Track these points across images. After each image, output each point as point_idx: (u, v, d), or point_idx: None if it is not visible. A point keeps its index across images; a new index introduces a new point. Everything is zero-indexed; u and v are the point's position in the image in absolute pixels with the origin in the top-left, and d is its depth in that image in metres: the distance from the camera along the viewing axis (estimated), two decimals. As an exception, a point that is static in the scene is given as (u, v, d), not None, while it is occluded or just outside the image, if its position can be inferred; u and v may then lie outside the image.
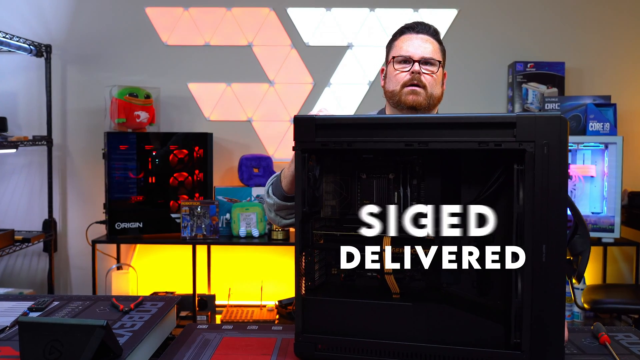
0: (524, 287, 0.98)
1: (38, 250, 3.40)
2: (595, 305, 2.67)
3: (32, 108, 3.39)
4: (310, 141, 1.09)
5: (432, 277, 1.16)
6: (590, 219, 2.96)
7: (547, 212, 0.96)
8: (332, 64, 3.40)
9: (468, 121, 1.01)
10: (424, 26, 1.59)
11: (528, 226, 0.97)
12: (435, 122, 1.04)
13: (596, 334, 1.28)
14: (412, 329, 1.05)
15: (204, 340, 1.29)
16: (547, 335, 0.97)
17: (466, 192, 1.14)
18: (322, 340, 1.09)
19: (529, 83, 3.21)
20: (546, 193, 0.96)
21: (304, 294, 1.12)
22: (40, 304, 1.48)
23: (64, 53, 3.38)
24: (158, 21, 3.39)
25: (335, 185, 1.21)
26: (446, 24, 3.36)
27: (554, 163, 0.96)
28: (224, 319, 3.06)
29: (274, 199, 1.50)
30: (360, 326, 1.08)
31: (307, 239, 1.14)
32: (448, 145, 1.02)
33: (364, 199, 1.20)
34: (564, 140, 0.96)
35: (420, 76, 1.52)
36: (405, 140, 1.03)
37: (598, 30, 3.35)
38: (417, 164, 1.17)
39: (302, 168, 1.09)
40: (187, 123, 3.42)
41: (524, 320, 0.97)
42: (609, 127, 2.96)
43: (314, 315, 1.10)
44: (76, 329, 1.02)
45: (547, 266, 0.96)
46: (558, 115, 0.97)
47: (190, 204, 3.07)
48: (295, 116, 1.10)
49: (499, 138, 0.98)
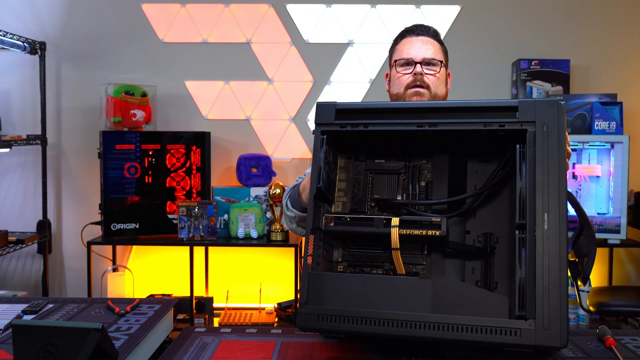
0: (527, 258, 1.02)
1: (32, 251, 3.40)
2: (601, 308, 2.67)
3: (26, 107, 3.39)
4: (330, 123, 1.20)
5: (436, 272, 1.18)
6: (596, 220, 2.96)
7: (548, 185, 1.04)
8: (332, 61, 3.41)
9: (475, 105, 1.12)
10: (424, 28, 1.65)
11: (530, 197, 1.04)
12: (444, 107, 1.15)
13: (602, 337, 1.28)
14: (417, 300, 1.07)
15: (202, 344, 1.29)
16: (550, 303, 0.99)
17: (473, 198, 1.19)
18: (325, 310, 1.10)
19: (533, 81, 3.21)
20: (546, 168, 1.05)
21: (311, 270, 1.15)
22: (34, 307, 1.48)
23: (59, 50, 3.39)
24: (154, 18, 3.39)
25: (347, 183, 1.28)
26: (449, 21, 3.36)
27: (553, 141, 1.06)
28: (222, 322, 3.06)
29: (294, 211, 1.54)
30: (364, 299, 1.10)
31: (319, 221, 1.19)
32: (456, 126, 1.12)
33: (375, 195, 1.26)
34: (562, 122, 1.07)
35: (423, 77, 1.58)
36: (417, 122, 1.14)
37: (604, 27, 3.35)
38: (425, 168, 1.24)
39: (320, 147, 1.19)
40: (185, 122, 3.42)
41: (528, 290, 1.00)
42: (615, 126, 2.97)
43: (319, 288, 1.13)
44: (71, 332, 1.02)
45: (550, 235, 1.01)
46: (556, 101, 1.09)
47: (188, 204, 3.07)
48: (318, 102, 1.23)
49: (502, 119, 1.09)
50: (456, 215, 1.18)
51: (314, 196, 1.16)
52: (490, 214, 1.18)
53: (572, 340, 1.30)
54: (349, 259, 1.23)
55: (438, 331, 1.04)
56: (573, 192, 2.51)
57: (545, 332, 0.98)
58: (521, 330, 0.99)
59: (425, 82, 1.57)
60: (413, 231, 1.12)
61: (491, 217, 1.18)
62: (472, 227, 1.18)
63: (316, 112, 1.22)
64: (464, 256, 1.17)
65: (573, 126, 3.02)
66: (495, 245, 1.16)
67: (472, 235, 1.18)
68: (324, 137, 1.20)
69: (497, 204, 1.18)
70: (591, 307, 2.68)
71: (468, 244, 1.18)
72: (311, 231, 1.16)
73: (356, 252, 1.23)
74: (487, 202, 1.19)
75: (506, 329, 1.00)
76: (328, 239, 1.22)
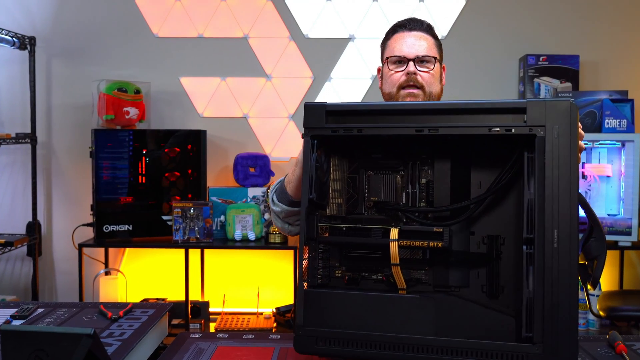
0: (535, 276, 0.99)
1: (21, 254, 3.40)
2: (612, 313, 2.67)
3: (14, 104, 3.39)
4: (320, 127, 1.14)
5: (439, 279, 1.17)
6: (606, 221, 2.96)
7: (558, 196, 1.00)
8: (332, 57, 3.40)
9: (478, 107, 1.06)
10: (416, 22, 1.62)
11: (539, 212, 1.00)
12: (445, 108, 1.09)
13: (612, 343, 1.28)
14: (419, 321, 1.06)
15: (198, 350, 1.29)
16: (560, 326, 0.98)
17: (476, 193, 1.16)
18: (324, 333, 1.09)
19: (541, 77, 3.21)
20: (557, 177, 1.00)
21: (307, 287, 1.13)
22: (23, 311, 1.48)
23: (49, 46, 3.38)
24: (148, 12, 3.39)
25: (342, 182, 1.24)
26: (453, 15, 3.36)
27: (565, 147, 1.00)
28: (218, 327, 3.06)
29: (280, 206, 1.52)
30: (364, 319, 1.09)
31: (312, 232, 1.16)
32: (458, 131, 1.07)
33: (372, 197, 1.22)
34: (574, 125, 1.00)
35: (416, 76, 1.56)
36: (415, 125, 1.08)
37: (615, 21, 3.35)
38: (426, 164, 1.19)
39: (311, 154, 1.14)
40: (179, 120, 3.42)
41: (536, 311, 0.98)
42: (626, 124, 2.97)
43: (316, 308, 1.11)
44: (62, 337, 1.02)
45: (559, 252, 0.98)
46: (568, 101, 1.02)
47: (183, 205, 3.07)
48: (306, 103, 1.15)
49: (509, 123, 1.04)
50: (458, 222, 1.15)
51: (306, 208, 1.13)
52: (495, 213, 1.15)
53: (582, 346, 1.29)
54: (347, 264, 1.22)
55: (441, 355, 1.03)
56: (582, 192, 2.51)
57: (554, 358, 0.97)
58: (528, 356, 0.98)
59: (419, 81, 1.55)
60: (414, 242, 1.10)
61: (497, 216, 1.15)
62: (476, 228, 1.16)
63: (305, 115, 1.16)
64: (469, 261, 1.16)
65: (583, 124, 3.01)
66: (502, 246, 1.14)
67: (477, 236, 1.16)
68: (314, 143, 1.14)
69: (503, 203, 1.15)
70: (601, 312, 2.68)
71: (472, 252, 1.15)
72: (305, 242, 1.14)
73: (355, 256, 1.21)
74: (492, 202, 1.16)
75: (513, 353, 0.99)
76: (324, 245, 1.20)
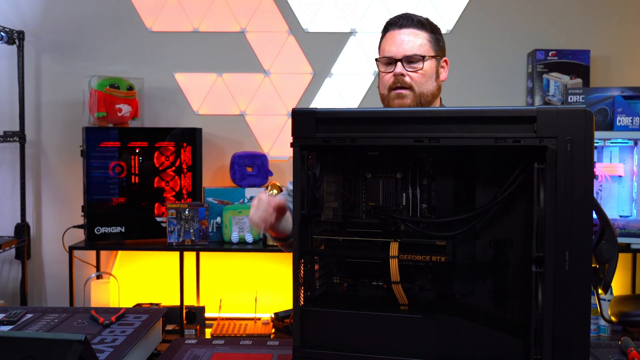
0: (544, 298, 0.98)
1: (10, 257, 3.40)
2: (624, 318, 2.67)
3: (2, 101, 3.39)
4: (310, 137, 1.09)
5: (443, 286, 1.16)
6: (618, 223, 2.96)
7: (571, 215, 0.96)
8: (333, 52, 3.40)
9: (484, 115, 1.01)
10: (406, 19, 1.61)
11: (550, 231, 0.97)
12: (447, 116, 1.04)
13: (624, 349, 1.28)
14: (422, 343, 1.05)
15: (193, 357, 1.29)
16: (570, 351, 0.96)
17: (481, 193, 1.14)
18: (323, 356, 1.09)
19: (550, 73, 3.21)
20: (570, 194, 0.96)
21: (303, 305, 1.12)
22: (12, 317, 1.48)
23: (38, 40, 3.39)
24: (142, 5, 3.39)
25: (337, 185, 1.20)
26: (459, 9, 3.36)
27: (579, 161, 0.96)
28: (214, 333, 3.06)
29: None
30: (365, 340, 1.08)
31: (307, 245, 1.14)
32: (462, 142, 1.02)
33: (369, 200, 1.20)
34: (590, 137, 0.96)
35: (404, 77, 1.56)
36: (414, 135, 1.04)
37: (627, 15, 3.35)
38: (427, 162, 1.17)
39: (301, 166, 1.10)
40: (174, 117, 3.42)
41: (545, 335, 0.97)
42: (638, 121, 2.97)
43: (314, 328, 1.11)
44: (51, 344, 1.02)
45: (571, 275, 0.96)
46: (583, 109, 0.97)
47: (178, 206, 3.07)
48: (294, 109, 1.10)
49: (517, 134, 0.99)
50: (462, 232, 1.12)
51: (298, 225, 1.10)
52: (503, 216, 1.13)
53: (593, 353, 1.29)
54: (345, 270, 1.21)
55: None
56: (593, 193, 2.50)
57: None
58: None
59: (406, 82, 1.56)
60: (415, 256, 1.08)
61: (504, 219, 1.13)
62: (482, 231, 1.14)
63: (292, 122, 1.10)
64: (474, 271, 1.14)
65: (593, 122, 3.02)
66: (509, 250, 1.12)
67: (483, 240, 1.14)
68: (304, 154, 1.10)
69: (511, 205, 1.13)
70: (613, 317, 2.68)
71: (477, 262, 1.13)
72: (299, 256, 1.12)
73: (353, 262, 1.20)
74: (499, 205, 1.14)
75: None
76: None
